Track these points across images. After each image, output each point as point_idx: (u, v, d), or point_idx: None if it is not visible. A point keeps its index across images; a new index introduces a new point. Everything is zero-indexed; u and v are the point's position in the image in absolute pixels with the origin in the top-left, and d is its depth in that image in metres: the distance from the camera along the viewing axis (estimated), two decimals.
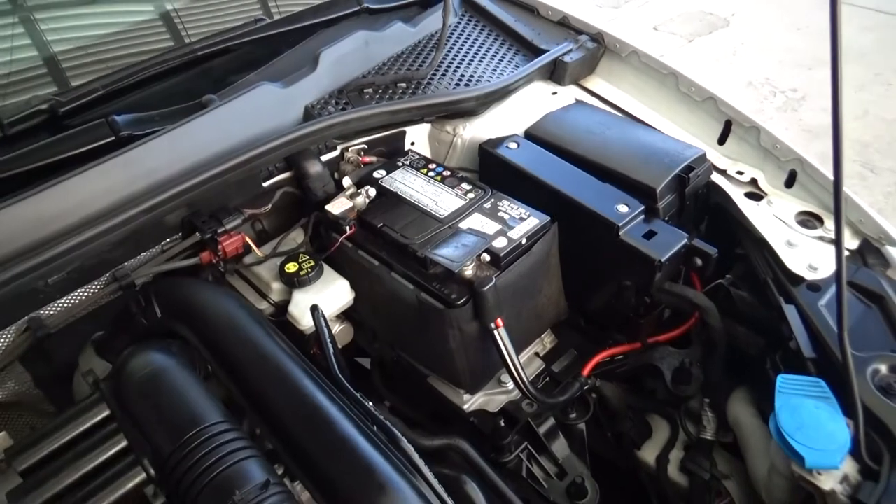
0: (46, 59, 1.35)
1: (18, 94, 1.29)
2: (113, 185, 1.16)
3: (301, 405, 1.00)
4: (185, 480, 0.90)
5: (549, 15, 1.75)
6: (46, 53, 1.35)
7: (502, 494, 1.12)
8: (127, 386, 0.99)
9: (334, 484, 0.93)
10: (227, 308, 1.13)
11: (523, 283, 1.28)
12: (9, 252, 1.08)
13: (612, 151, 1.39)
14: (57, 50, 1.35)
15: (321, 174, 1.41)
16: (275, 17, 1.56)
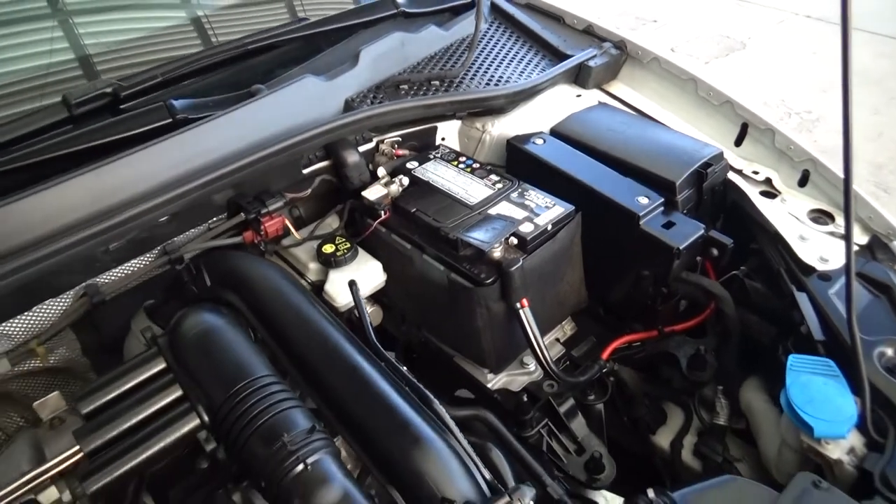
0: (81, 58, 1.45)
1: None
2: (169, 162, 1.25)
3: (342, 366, 1.08)
4: (237, 426, 0.98)
5: (574, 24, 1.84)
6: (81, 53, 1.46)
7: (525, 462, 1.18)
8: (182, 341, 1.07)
9: (372, 437, 1.01)
10: (272, 278, 1.21)
11: (548, 268, 1.35)
12: (74, 220, 1.17)
13: (633, 148, 1.47)
14: (93, 51, 1.45)
15: (358, 163, 1.50)
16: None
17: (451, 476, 0.96)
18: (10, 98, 1.38)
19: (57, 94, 1.33)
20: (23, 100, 1.38)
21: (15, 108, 1.36)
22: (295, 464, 0.92)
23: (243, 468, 0.98)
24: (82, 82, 1.41)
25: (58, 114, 1.27)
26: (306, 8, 1.76)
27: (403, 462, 0.97)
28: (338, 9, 1.66)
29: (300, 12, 1.75)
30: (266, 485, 0.93)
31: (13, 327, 1.23)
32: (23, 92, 1.39)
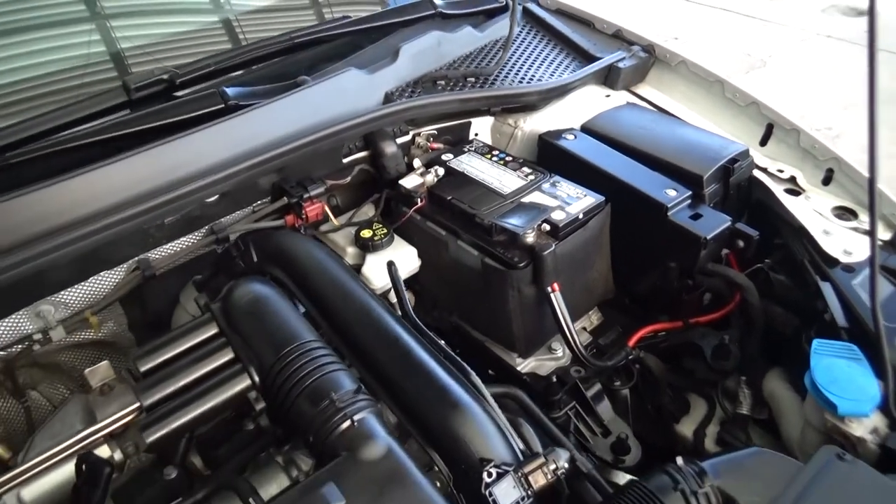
0: (113, 55, 1.53)
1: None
2: (220, 144, 1.32)
3: (383, 336, 1.13)
4: (286, 386, 1.03)
5: (604, 28, 1.90)
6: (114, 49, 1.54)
7: (555, 437, 1.22)
8: (234, 308, 1.13)
9: (413, 402, 1.06)
10: (316, 254, 1.27)
11: (578, 255, 1.40)
12: (131, 195, 1.24)
13: (661, 144, 1.52)
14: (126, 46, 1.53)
15: (395, 154, 1.56)
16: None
17: (488, 439, 1.01)
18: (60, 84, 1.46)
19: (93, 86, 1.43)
20: (64, 88, 1.47)
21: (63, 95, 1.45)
22: (342, 420, 0.97)
23: (290, 426, 1.03)
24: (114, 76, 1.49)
25: (117, 97, 1.34)
26: (335, 13, 1.83)
27: (442, 426, 1.02)
28: (367, 11, 1.74)
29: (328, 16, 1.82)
30: (313, 440, 0.98)
31: (70, 296, 1.30)
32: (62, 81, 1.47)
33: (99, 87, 1.44)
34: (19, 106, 1.42)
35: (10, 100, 1.40)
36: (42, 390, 1.50)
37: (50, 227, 1.17)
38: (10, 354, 1.32)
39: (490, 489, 0.93)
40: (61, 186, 1.19)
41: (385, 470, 0.93)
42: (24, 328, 1.27)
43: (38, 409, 1.49)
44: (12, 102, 1.42)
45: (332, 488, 0.90)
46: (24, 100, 1.43)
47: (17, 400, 1.44)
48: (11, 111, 1.40)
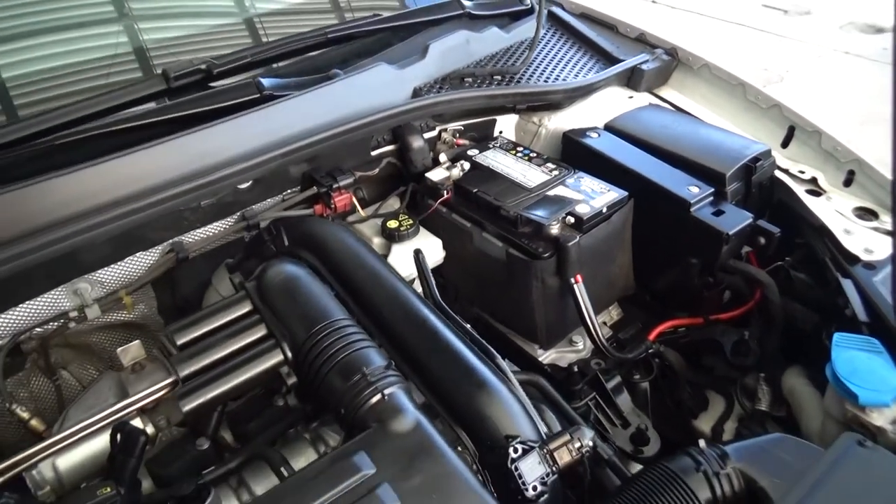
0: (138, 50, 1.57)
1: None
2: (255, 132, 1.36)
3: (412, 318, 1.16)
4: (317, 361, 1.06)
5: (627, 32, 1.94)
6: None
7: (576, 424, 1.24)
8: (267, 286, 1.17)
9: (440, 381, 1.08)
10: (346, 239, 1.30)
11: (601, 249, 1.43)
12: (169, 178, 1.27)
13: (684, 142, 1.55)
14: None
15: (422, 148, 1.60)
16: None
17: (514, 418, 1.03)
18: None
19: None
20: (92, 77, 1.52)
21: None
22: (373, 394, 1.00)
23: (321, 401, 1.06)
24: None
25: (157, 85, 1.39)
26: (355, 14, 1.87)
27: (469, 404, 1.04)
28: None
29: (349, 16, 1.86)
30: (344, 413, 1.00)
31: (106, 275, 1.34)
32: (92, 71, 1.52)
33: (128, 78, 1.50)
34: (60, 90, 1.47)
35: (51, 84, 1.45)
36: (72, 370, 1.54)
37: (91, 206, 1.21)
38: (46, 332, 1.35)
39: (516, 464, 0.96)
40: (102, 167, 1.23)
41: (414, 442, 0.96)
42: (61, 305, 1.31)
43: (68, 388, 1.53)
44: (54, 87, 1.47)
45: (363, 457, 0.93)
46: (66, 84, 1.48)
47: (49, 378, 1.48)
48: (53, 95, 1.45)
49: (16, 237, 1.13)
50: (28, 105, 1.44)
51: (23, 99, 1.45)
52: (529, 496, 0.95)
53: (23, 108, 1.44)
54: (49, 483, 1.15)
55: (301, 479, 0.92)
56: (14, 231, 1.13)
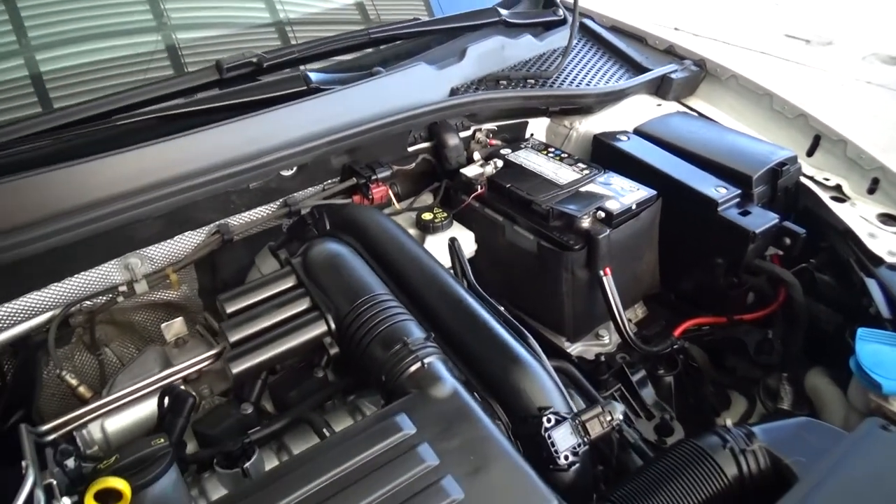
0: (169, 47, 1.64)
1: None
2: (302, 121, 1.43)
3: (449, 297, 1.21)
4: (360, 332, 1.11)
5: (656, 44, 2.00)
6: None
7: None
8: (311, 262, 1.23)
9: (476, 357, 1.13)
10: (385, 223, 1.36)
11: (629, 244, 1.47)
12: (220, 160, 1.34)
13: (711, 146, 1.60)
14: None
15: (457, 146, 1.66)
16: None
17: (547, 393, 1.07)
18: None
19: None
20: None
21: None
22: (413, 361, 1.04)
23: (362, 369, 1.11)
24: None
25: (210, 76, 1.46)
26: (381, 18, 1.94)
27: (504, 378, 1.09)
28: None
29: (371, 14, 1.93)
30: (385, 379, 1.05)
31: (156, 252, 1.40)
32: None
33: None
34: (116, 80, 1.54)
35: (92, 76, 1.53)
36: (114, 349, 1.60)
37: (149, 182, 1.28)
38: (95, 305, 1.42)
39: (549, 432, 1.00)
40: (162, 146, 1.30)
41: (452, 408, 1.00)
42: (113, 278, 1.38)
43: (110, 366, 1.58)
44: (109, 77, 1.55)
45: (404, 418, 0.97)
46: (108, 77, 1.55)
47: (93, 354, 1.54)
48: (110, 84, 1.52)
49: (80, 207, 1.20)
50: (82, 93, 1.52)
51: (80, 87, 1.53)
52: (561, 464, 0.99)
53: (81, 94, 1.51)
54: (97, 444, 1.21)
55: (344, 436, 0.96)
56: (79, 202, 1.20)
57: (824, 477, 0.95)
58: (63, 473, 0.95)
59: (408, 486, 0.90)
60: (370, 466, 0.92)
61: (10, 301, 1.28)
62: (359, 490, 0.89)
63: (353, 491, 0.89)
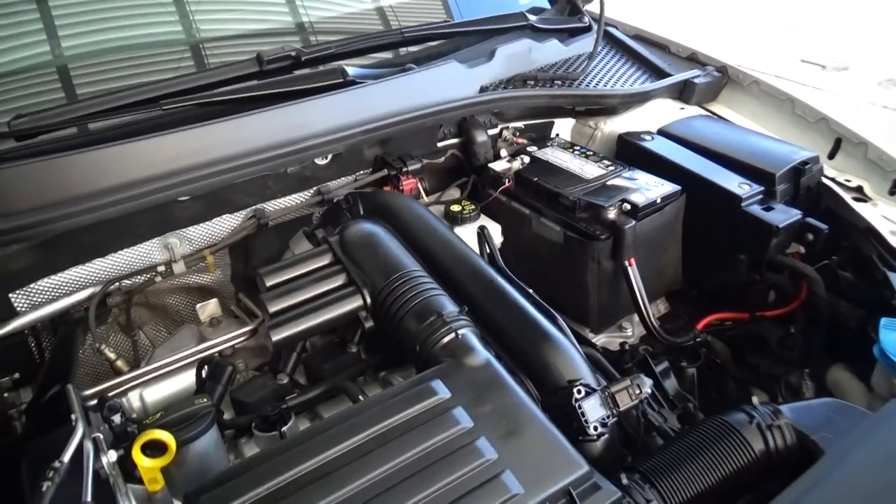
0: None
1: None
2: (339, 111, 1.48)
3: (480, 278, 1.25)
4: (395, 305, 1.15)
5: (678, 52, 2.05)
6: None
7: None
8: (348, 241, 1.27)
9: (507, 333, 1.16)
10: (417, 208, 1.41)
11: (654, 237, 1.50)
12: (260, 145, 1.39)
13: (734, 146, 1.63)
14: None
15: (485, 142, 1.71)
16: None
17: (576, 366, 1.10)
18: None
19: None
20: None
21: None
22: (447, 332, 1.08)
23: (396, 341, 1.14)
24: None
25: (250, 67, 1.52)
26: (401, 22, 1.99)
27: (534, 352, 1.12)
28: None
29: (392, 20, 1.98)
30: (419, 350, 1.08)
31: (195, 233, 1.45)
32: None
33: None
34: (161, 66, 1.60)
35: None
36: (147, 332, 1.64)
37: (190, 164, 1.33)
38: (133, 285, 1.46)
39: (579, 402, 1.02)
40: (202, 131, 1.35)
41: (485, 376, 1.03)
42: (152, 257, 1.42)
43: (142, 348, 1.62)
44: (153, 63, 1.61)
45: (439, 383, 1.00)
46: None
47: (128, 335, 1.58)
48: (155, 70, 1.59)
49: (128, 184, 1.25)
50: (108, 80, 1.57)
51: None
52: (591, 435, 1.01)
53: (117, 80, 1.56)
54: (136, 412, 1.24)
55: (379, 399, 0.99)
56: (128, 178, 1.25)
57: (851, 452, 0.97)
58: (109, 429, 0.98)
59: (443, 445, 0.93)
60: (406, 427, 0.94)
61: (56, 274, 1.32)
62: (395, 447, 0.91)
63: (390, 448, 0.91)
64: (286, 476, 0.87)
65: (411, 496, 0.86)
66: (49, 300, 1.35)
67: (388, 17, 1.94)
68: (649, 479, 1.00)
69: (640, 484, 0.99)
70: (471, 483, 0.89)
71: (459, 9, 1.99)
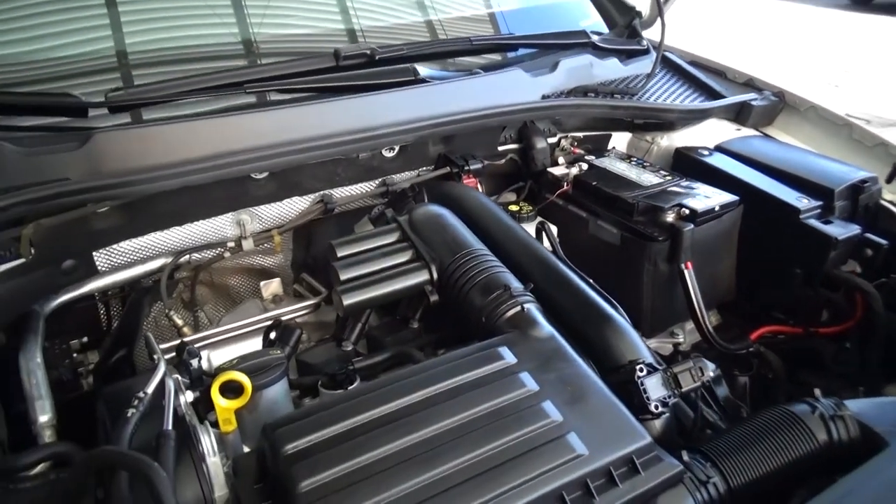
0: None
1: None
2: (409, 104, 1.54)
3: (542, 264, 1.28)
4: (461, 280, 1.18)
5: (735, 78, 2.09)
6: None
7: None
8: (416, 220, 1.32)
9: (568, 314, 1.19)
10: (481, 198, 1.47)
11: (710, 245, 1.52)
12: (339, 129, 1.45)
13: (793, 163, 1.66)
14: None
15: (544, 149, 1.76)
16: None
17: (637, 348, 1.12)
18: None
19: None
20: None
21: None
22: (513, 305, 1.11)
23: (462, 314, 1.17)
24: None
25: (327, 62, 1.60)
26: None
27: (596, 334, 1.14)
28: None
29: (439, 31, 2.05)
30: (485, 321, 1.11)
31: (266, 212, 1.51)
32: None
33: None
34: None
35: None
36: (207, 311, 1.69)
37: (268, 142, 1.39)
38: (202, 259, 1.52)
39: (642, 379, 1.04)
40: (281, 112, 1.43)
41: (550, 347, 1.05)
42: (225, 232, 1.49)
43: (202, 327, 1.68)
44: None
45: (505, 349, 1.03)
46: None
47: (190, 311, 1.64)
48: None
49: (211, 156, 1.32)
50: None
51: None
52: (651, 412, 1.02)
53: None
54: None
55: (448, 359, 1.02)
56: (210, 151, 1.32)
57: None
58: (187, 372, 1.03)
59: (509, 404, 0.95)
60: (474, 385, 0.97)
61: (136, 237, 1.39)
62: (463, 402, 0.94)
63: (459, 401, 0.94)
64: (359, 418, 0.90)
65: (478, 447, 0.88)
66: (126, 264, 1.42)
67: (437, 31, 2.01)
68: (710, 459, 1.00)
69: (701, 462, 0.99)
70: (536, 441, 0.90)
71: (507, 25, 2.07)
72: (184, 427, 0.96)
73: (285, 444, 0.86)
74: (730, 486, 0.97)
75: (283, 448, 0.85)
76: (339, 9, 1.93)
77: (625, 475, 0.91)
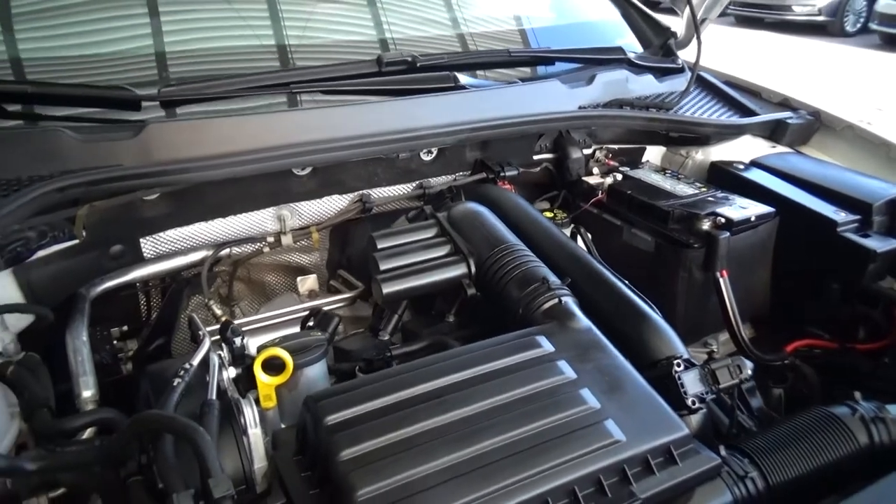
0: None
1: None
2: (448, 109, 1.58)
3: (578, 263, 1.30)
4: (499, 274, 1.20)
5: (770, 98, 2.10)
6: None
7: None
8: (455, 216, 1.34)
9: (605, 311, 1.19)
10: (517, 199, 1.49)
11: (745, 256, 1.52)
12: (377, 130, 1.49)
13: (830, 178, 1.65)
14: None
15: (579, 159, 1.78)
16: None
17: (674, 345, 1.12)
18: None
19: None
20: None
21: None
22: (550, 297, 1.12)
23: (499, 306, 1.19)
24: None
25: (370, 67, 1.64)
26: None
27: (633, 330, 1.14)
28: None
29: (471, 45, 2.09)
30: (522, 313, 1.12)
31: (306, 208, 1.55)
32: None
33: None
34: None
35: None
36: (243, 307, 1.72)
37: (312, 139, 1.43)
38: (242, 254, 1.56)
39: (679, 375, 1.04)
40: (326, 111, 1.48)
41: (587, 339, 1.06)
42: (265, 226, 1.52)
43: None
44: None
45: (543, 338, 1.04)
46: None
47: (227, 306, 1.67)
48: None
49: (257, 149, 1.36)
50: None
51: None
52: (689, 406, 1.02)
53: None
54: None
55: (487, 344, 1.03)
56: (256, 145, 1.36)
57: None
58: (230, 348, 1.05)
59: (547, 390, 0.95)
60: (511, 369, 0.98)
61: (181, 227, 1.43)
62: (502, 384, 0.95)
63: (498, 383, 0.95)
64: (399, 394, 0.91)
65: (516, 427, 0.89)
66: (168, 254, 1.46)
67: (469, 46, 2.05)
68: (748, 455, 0.99)
69: (739, 458, 0.99)
70: (574, 425, 0.91)
71: (540, 42, 2.10)
72: (225, 401, 0.98)
73: (327, 415, 0.87)
74: (768, 483, 0.97)
75: (325, 419, 0.87)
76: (374, 23, 1.98)
77: (662, 464, 0.91)
